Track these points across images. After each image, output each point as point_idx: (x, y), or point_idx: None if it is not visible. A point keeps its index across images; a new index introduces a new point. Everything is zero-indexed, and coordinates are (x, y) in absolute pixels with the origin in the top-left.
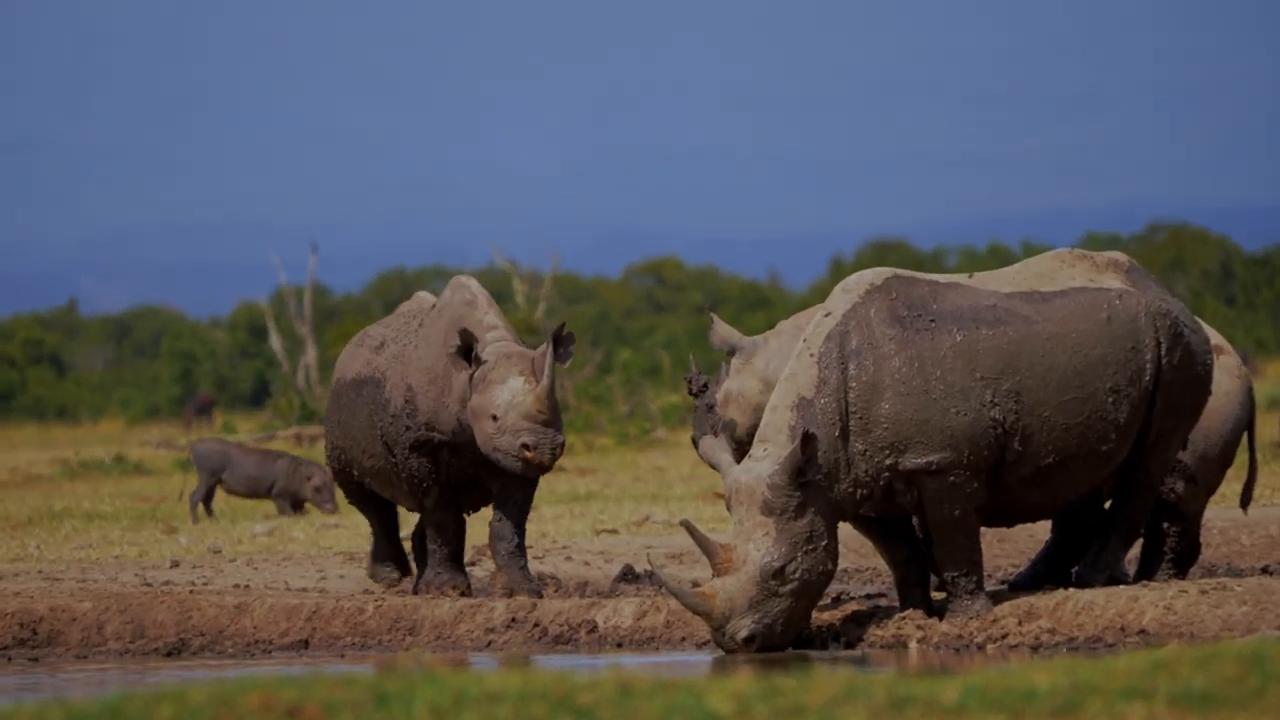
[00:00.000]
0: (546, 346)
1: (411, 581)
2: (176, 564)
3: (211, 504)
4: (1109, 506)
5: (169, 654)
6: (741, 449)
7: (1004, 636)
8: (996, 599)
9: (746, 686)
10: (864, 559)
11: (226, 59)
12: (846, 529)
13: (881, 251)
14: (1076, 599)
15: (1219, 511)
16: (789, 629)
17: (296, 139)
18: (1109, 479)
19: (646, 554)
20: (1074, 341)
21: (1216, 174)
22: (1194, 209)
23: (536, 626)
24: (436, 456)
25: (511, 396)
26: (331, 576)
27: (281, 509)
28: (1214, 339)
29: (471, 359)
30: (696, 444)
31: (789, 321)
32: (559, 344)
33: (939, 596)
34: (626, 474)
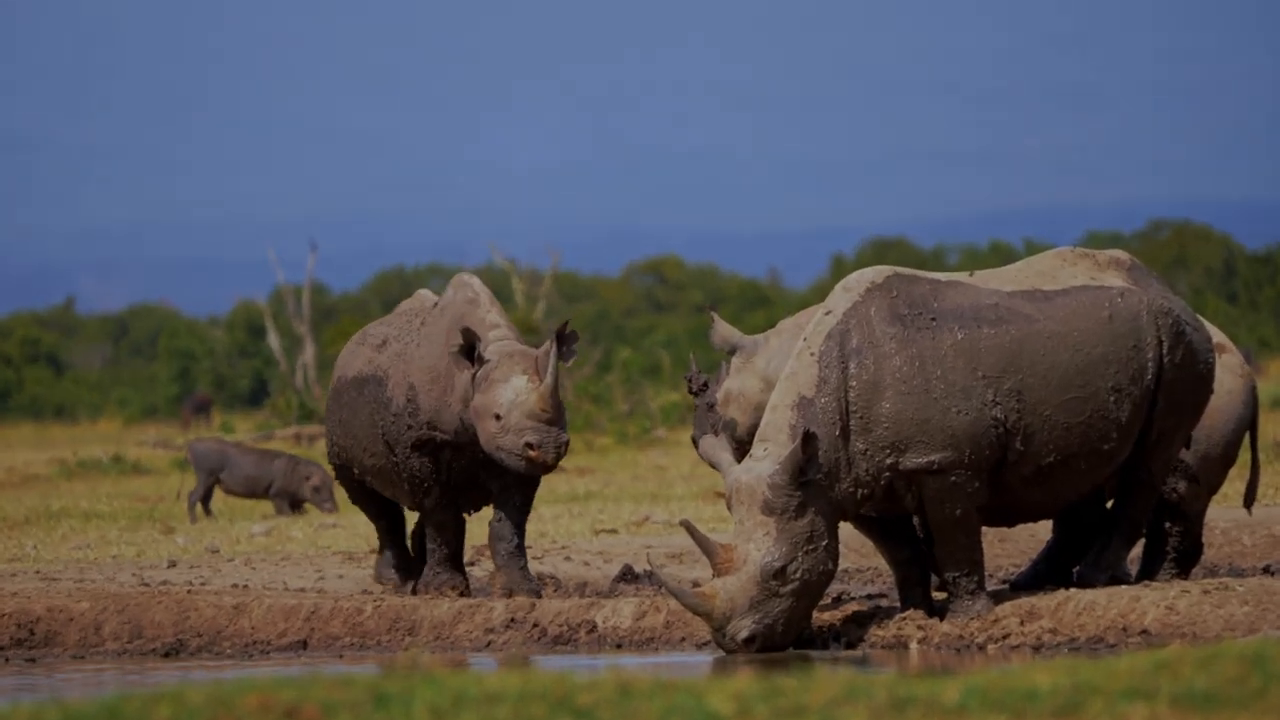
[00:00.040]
0: (550, 345)
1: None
2: (174, 564)
3: (209, 504)
4: (1111, 506)
5: (167, 654)
6: (742, 448)
7: (1005, 637)
8: (998, 599)
9: (747, 687)
10: (865, 559)
11: (226, 59)
12: (847, 528)
13: (882, 250)
14: (1078, 599)
15: (1221, 511)
16: (790, 629)
17: (296, 139)
18: (1111, 478)
19: (646, 554)
20: (1076, 340)
21: (1218, 173)
22: (1196, 207)
23: (536, 627)
24: (438, 456)
25: (515, 395)
26: (330, 576)
27: (280, 509)
28: (1217, 337)
29: (474, 358)
30: (697, 443)
31: (790, 320)
32: (562, 342)
33: (940, 596)
34: (626, 473)
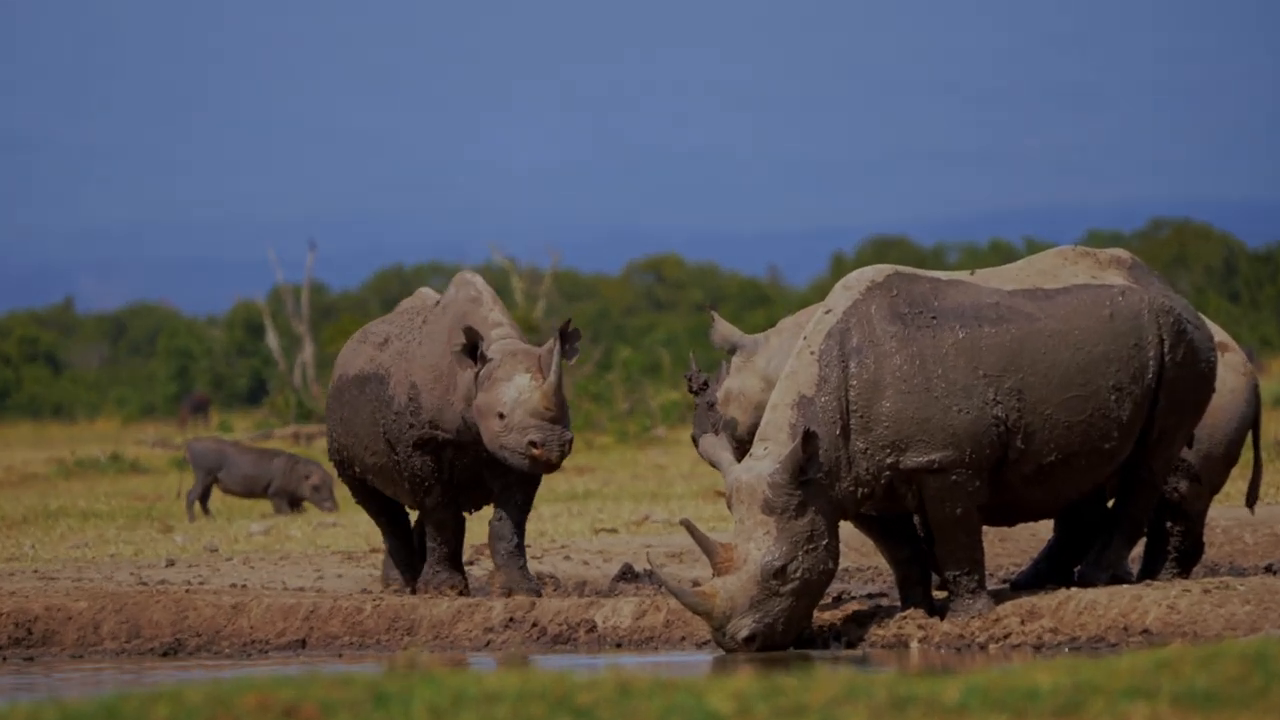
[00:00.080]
0: (553, 343)
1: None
2: (172, 563)
3: (208, 503)
4: (1112, 505)
5: (165, 654)
6: (742, 447)
7: (1006, 636)
8: (998, 598)
9: (747, 686)
10: (865, 558)
11: (226, 59)
12: (848, 527)
13: (882, 248)
14: (1079, 598)
15: (1222, 510)
16: (790, 628)
17: (296, 139)
18: (1112, 477)
19: (646, 553)
20: (1077, 339)
21: (1218, 173)
22: (1196, 206)
23: (535, 626)
24: (440, 455)
25: (518, 394)
26: (329, 576)
27: (278, 508)
28: (1219, 336)
29: (477, 356)
30: (697, 442)
31: (790, 319)
32: (565, 340)
33: (941, 596)
34: (626, 472)
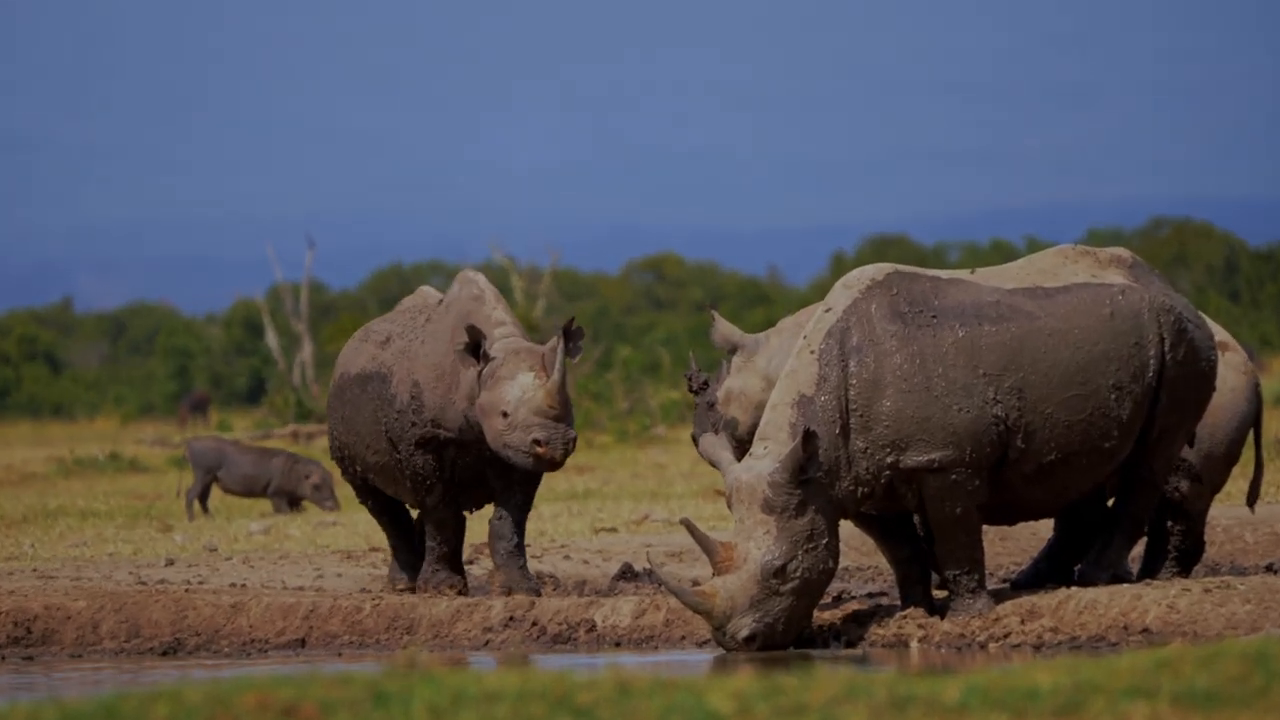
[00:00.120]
0: (557, 341)
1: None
2: (172, 562)
3: (207, 502)
4: (1112, 504)
5: (164, 653)
6: (743, 447)
7: (1006, 635)
8: (999, 597)
9: (747, 685)
10: (865, 557)
11: (226, 59)
12: (848, 527)
13: (883, 247)
14: (1079, 597)
15: (1223, 509)
16: (790, 628)
17: (296, 139)
18: (1112, 476)
19: (646, 552)
20: (1077, 337)
21: (1218, 173)
22: (1197, 205)
23: (535, 625)
24: (442, 453)
25: (522, 392)
26: (328, 575)
27: (278, 507)
28: (1220, 335)
29: (480, 355)
30: (697, 442)
31: (790, 319)
32: (569, 338)
33: (941, 595)
34: (626, 471)
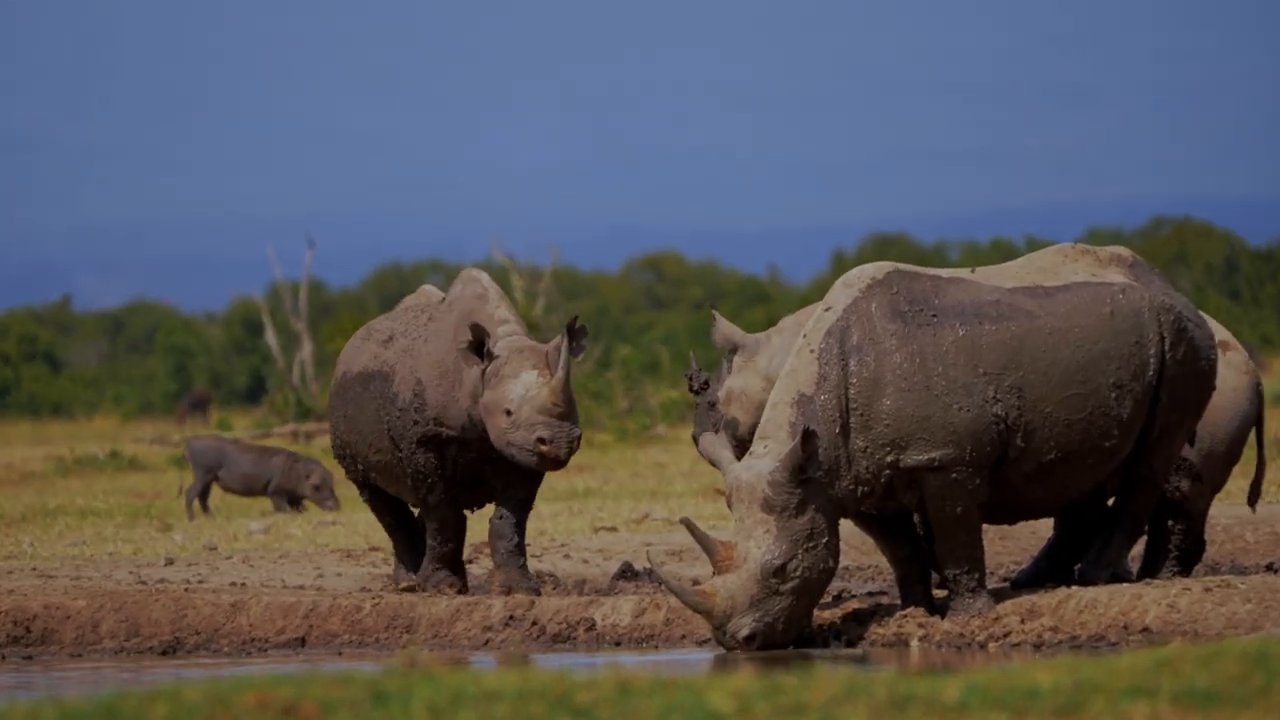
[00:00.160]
0: (561, 339)
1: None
2: (171, 561)
3: (207, 501)
4: (1112, 503)
5: (164, 652)
6: (744, 447)
7: (1006, 635)
8: (999, 597)
9: (747, 685)
10: (865, 556)
11: (226, 59)
12: (848, 526)
13: (883, 246)
14: (1079, 597)
15: (1223, 508)
16: (790, 627)
17: (296, 139)
18: (1112, 475)
19: (646, 551)
20: (1077, 336)
21: (1218, 173)
22: (1198, 203)
23: (534, 625)
24: (443, 452)
25: (525, 391)
26: (328, 574)
27: (278, 506)
28: (1221, 334)
29: (484, 353)
30: (698, 442)
31: (791, 318)
32: (573, 337)
33: (941, 594)
34: (625, 470)
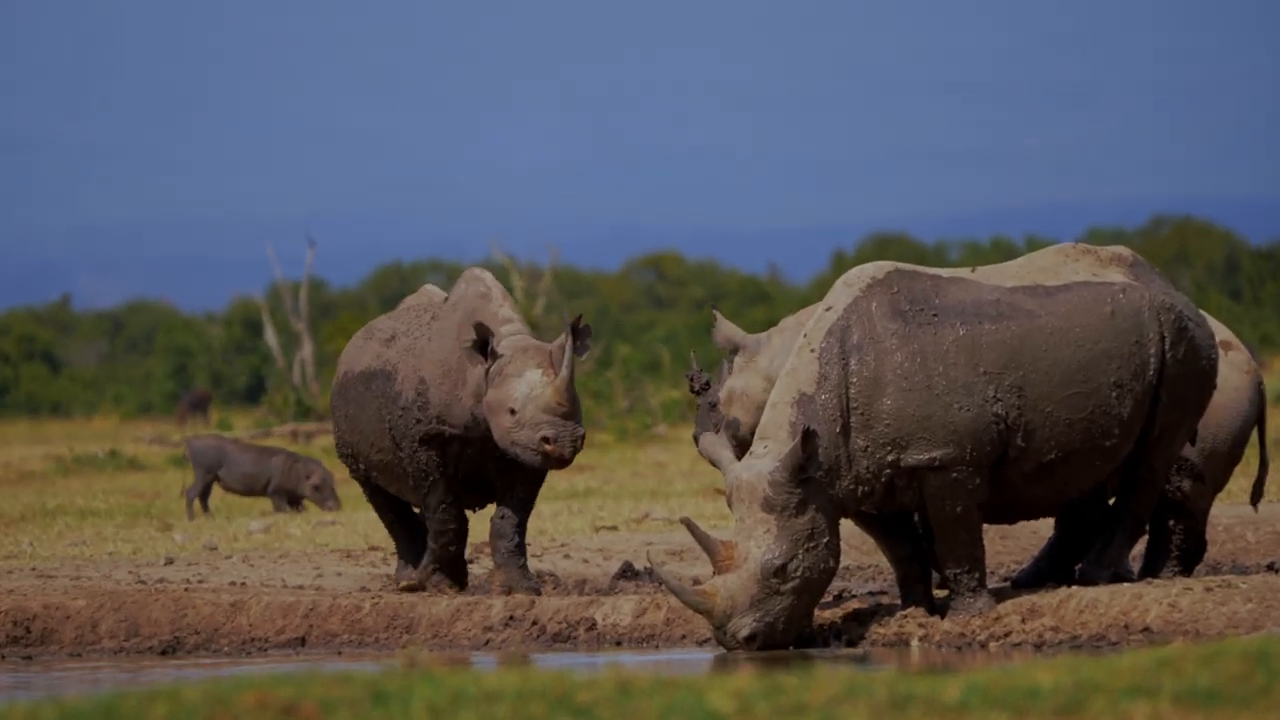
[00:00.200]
0: (565, 338)
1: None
2: (171, 561)
3: (208, 501)
4: (1113, 503)
5: (164, 652)
6: (745, 448)
7: (1007, 634)
8: (999, 596)
9: (747, 685)
10: (866, 556)
11: (226, 59)
12: (848, 525)
13: (883, 245)
14: (1080, 596)
15: (1224, 508)
16: (791, 627)
17: (296, 139)
18: (1113, 475)
19: (646, 551)
20: (1077, 336)
21: (1218, 173)
22: (1198, 202)
23: (535, 624)
24: (444, 450)
25: (530, 389)
26: (328, 574)
27: (278, 506)
28: (1223, 334)
29: (488, 352)
30: (698, 442)
31: (792, 318)
32: (577, 336)
33: (941, 594)
34: (626, 470)
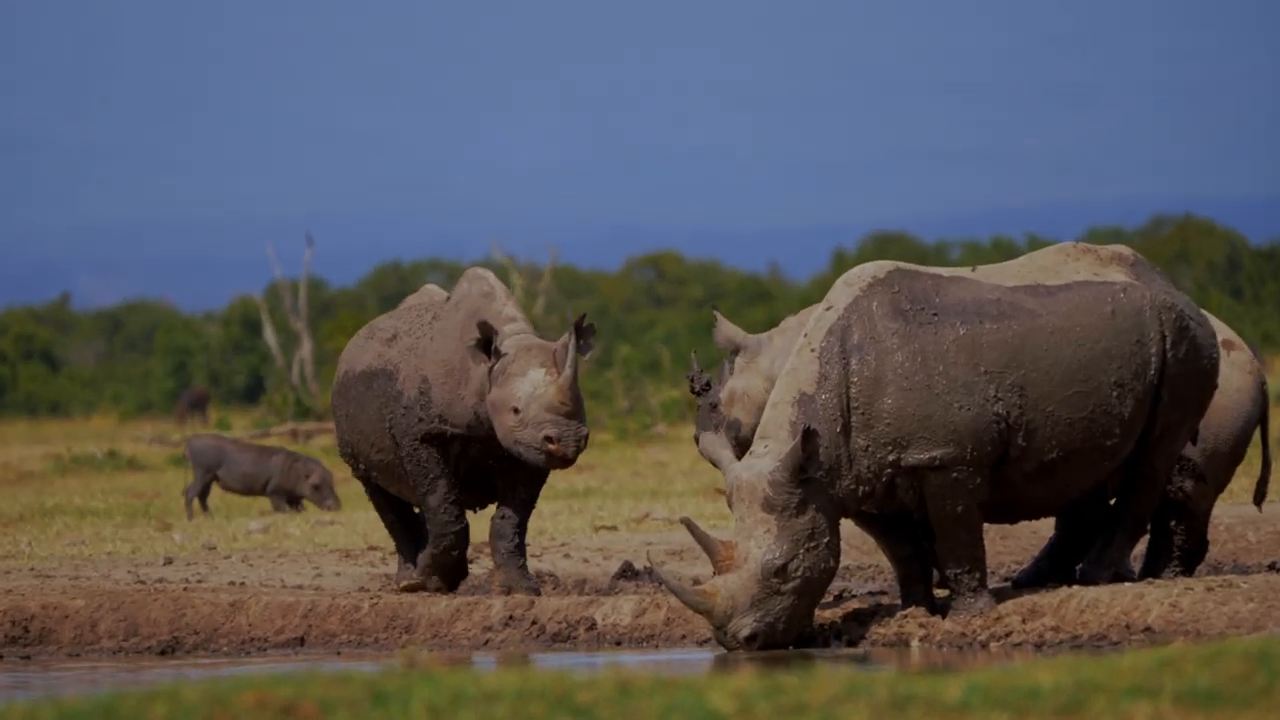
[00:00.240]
0: (569, 337)
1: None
2: (170, 561)
3: (207, 500)
4: (1114, 502)
5: (163, 652)
6: (746, 448)
7: (1007, 634)
8: (1000, 596)
9: (748, 685)
10: (866, 556)
11: (226, 59)
12: (848, 525)
13: (884, 244)
14: (1081, 596)
15: (1226, 508)
16: (791, 627)
17: (296, 139)
18: (1114, 474)
19: (646, 551)
20: (1078, 335)
21: (1218, 173)
22: (1199, 201)
23: (534, 624)
24: (445, 449)
25: (533, 389)
26: (327, 574)
27: (277, 505)
28: (1225, 334)
29: (491, 351)
30: (699, 443)
31: (793, 318)
32: (580, 335)
33: (942, 594)
34: (626, 470)
